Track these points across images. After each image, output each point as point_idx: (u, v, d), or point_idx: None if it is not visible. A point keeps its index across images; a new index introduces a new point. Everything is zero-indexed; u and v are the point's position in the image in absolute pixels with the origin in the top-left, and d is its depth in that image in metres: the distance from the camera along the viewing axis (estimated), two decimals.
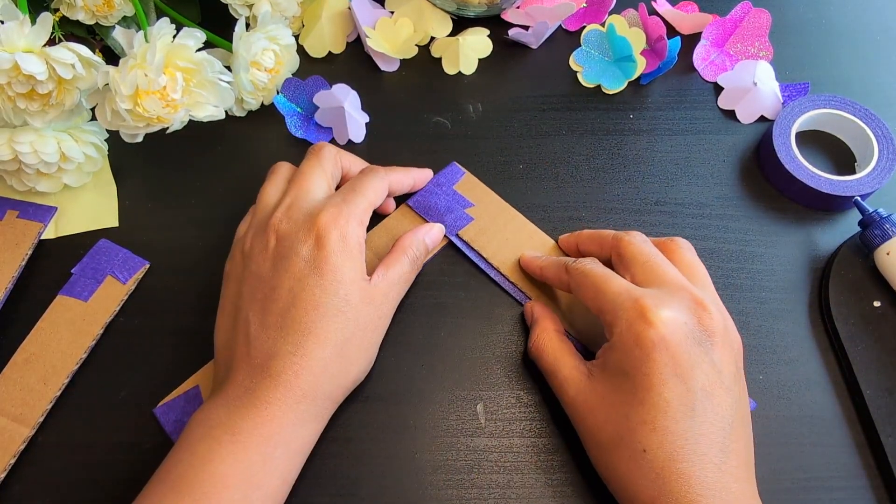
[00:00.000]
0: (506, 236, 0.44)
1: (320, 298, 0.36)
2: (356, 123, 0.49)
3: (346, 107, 0.47)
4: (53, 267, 0.44)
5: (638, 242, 0.39)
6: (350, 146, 0.49)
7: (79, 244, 0.45)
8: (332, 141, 0.49)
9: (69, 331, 0.41)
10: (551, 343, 0.39)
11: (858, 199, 0.44)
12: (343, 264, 0.37)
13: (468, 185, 0.47)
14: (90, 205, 0.46)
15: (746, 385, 0.37)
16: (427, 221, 0.45)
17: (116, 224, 0.46)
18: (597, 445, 0.36)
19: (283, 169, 0.42)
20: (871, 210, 0.43)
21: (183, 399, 0.40)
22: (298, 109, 0.50)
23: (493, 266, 0.44)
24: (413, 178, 0.45)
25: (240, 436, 0.33)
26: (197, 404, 0.39)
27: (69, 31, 0.47)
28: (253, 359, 0.35)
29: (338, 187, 0.43)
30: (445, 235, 0.45)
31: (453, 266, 0.45)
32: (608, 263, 0.40)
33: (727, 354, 0.35)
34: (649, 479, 0.33)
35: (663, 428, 0.33)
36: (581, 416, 0.36)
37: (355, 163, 0.44)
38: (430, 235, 0.43)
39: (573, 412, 0.37)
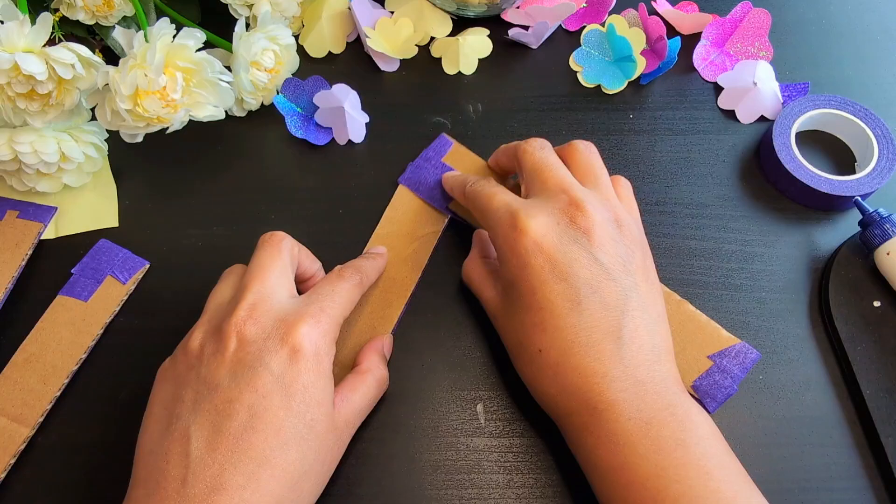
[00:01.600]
0: None
1: (284, 422, 0.31)
2: (356, 123, 0.49)
3: (346, 107, 0.47)
4: (53, 267, 0.44)
5: (533, 150, 0.39)
6: (350, 146, 0.49)
7: (79, 244, 0.45)
8: (332, 141, 0.49)
9: (69, 331, 0.41)
10: (476, 269, 0.41)
11: (859, 198, 0.44)
12: (315, 384, 0.32)
13: (457, 154, 0.47)
14: (90, 205, 0.46)
15: (743, 385, 0.37)
16: (420, 197, 0.45)
17: (116, 224, 0.46)
18: (510, 353, 0.38)
19: (238, 269, 0.38)
20: (871, 210, 0.43)
21: None
22: (298, 109, 0.50)
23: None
24: (381, 265, 0.42)
25: None
26: None
27: (69, 31, 0.47)
28: (189, 488, 0.29)
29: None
30: (440, 211, 0.45)
31: (453, 266, 0.45)
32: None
33: (609, 247, 0.35)
34: (549, 377, 0.34)
35: (552, 327, 0.34)
36: (498, 328, 0.39)
37: (308, 257, 0.40)
38: (387, 346, 0.40)
39: (496, 327, 0.39)
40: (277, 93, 0.50)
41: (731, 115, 0.51)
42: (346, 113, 0.48)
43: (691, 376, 0.39)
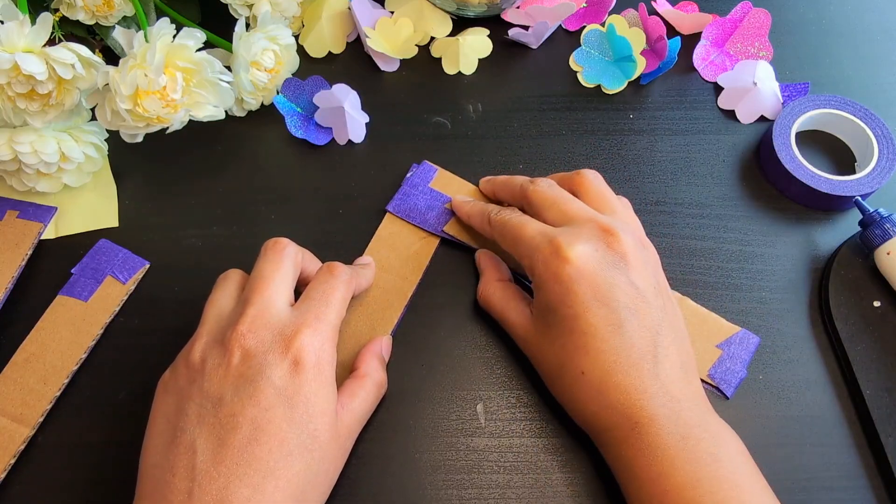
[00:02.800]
0: None
1: (287, 434, 0.31)
2: (356, 123, 0.49)
3: (347, 107, 0.47)
4: (53, 267, 0.44)
5: (544, 188, 0.41)
6: (350, 146, 0.49)
7: (79, 244, 0.45)
8: (332, 141, 0.49)
9: (69, 331, 0.41)
10: (496, 293, 0.41)
11: (859, 198, 0.44)
12: (318, 394, 0.33)
13: (443, 180, 0.47)
14: (90, 205, 0.46)
15: (743, 385, 0.37)
16: (411, 224, 0.45)
17: (116, 224, 0.46)
18: (547, 376, 0.38)
19: (233, 276, 0.38)
20: (871, 210, 0.43)
21: None
22: (298, 109, 0.50)
23: None
24: (370, 275, 0.42)
25: None
26: None
27: (69, 31, 0.47)
28: (196, 501, 0.29)
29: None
30: (435, 234, 0.45)
31: (453, 266, 0.45)
32: (522, 209, 0.42)
33: (643, 271, 0.37)
34: (591, 397, 0.35)
35: (595, 349, 0.35)
36: (531, 353, 0.39)
37: (312, 262, 0.39)
38: (385, 348, 0.41)
39: (526, 351, 0.40)
40: (277, 93, 0.50)
41: (731, 115, 0.51)
42: (347, 113, 0.48)
43: (705, 366, 0.41)
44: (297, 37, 0.53)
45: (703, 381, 0.40)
